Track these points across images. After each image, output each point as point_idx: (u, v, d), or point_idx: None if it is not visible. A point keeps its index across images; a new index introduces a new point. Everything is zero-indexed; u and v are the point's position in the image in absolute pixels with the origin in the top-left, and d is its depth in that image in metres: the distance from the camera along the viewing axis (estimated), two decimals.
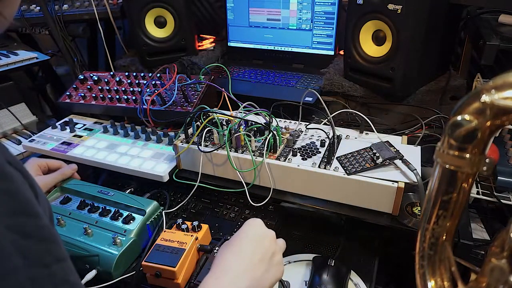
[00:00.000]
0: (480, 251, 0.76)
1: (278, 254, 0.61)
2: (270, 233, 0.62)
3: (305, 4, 1.26)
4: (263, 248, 0.59)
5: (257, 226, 0.62)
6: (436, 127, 1.01)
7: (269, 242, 0.60)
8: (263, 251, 0.59)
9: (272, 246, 0.61)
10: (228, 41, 1.44)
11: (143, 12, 1.25)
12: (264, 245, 0.60)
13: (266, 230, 0.62)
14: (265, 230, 0.62)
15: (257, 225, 0.62)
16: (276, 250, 0.61)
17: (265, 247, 0.59)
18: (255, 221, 0.63)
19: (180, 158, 0.93)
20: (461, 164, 0.39)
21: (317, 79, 1.23)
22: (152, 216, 0.84)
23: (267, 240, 0.61)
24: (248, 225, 0.63)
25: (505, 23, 0.98)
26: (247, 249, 0.59)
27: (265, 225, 0.64)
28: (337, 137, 0.88)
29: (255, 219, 0.64)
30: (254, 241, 0.60)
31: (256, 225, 0.62)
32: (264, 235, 0.61)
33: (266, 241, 0.60)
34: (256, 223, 0.63)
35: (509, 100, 0.35)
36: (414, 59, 1.00)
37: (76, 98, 1.18)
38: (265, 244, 0.60)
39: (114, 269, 0.75)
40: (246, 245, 0.59)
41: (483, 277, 0.40)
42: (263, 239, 0.60)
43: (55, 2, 1.34)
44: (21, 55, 1.31)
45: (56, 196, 0.93)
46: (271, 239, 0.61)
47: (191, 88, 1.10)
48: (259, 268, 0.57)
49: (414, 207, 0.80)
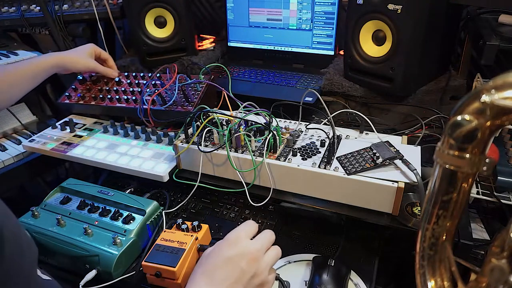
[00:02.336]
0: (480, 251, 0.76)
1: (259, 275, 0.56)
2: (251, 251, 0.56)
3: (305, 4, 1.26)
4: (238, 271, 0.54)
5: (238, 244, 0.56)
6: (436, 127, 1.01)
7: (247, 263, 0.55)
8: (238, 275, 0.54)
9: (252, 268, 0.55)
10: (228, 41, 1.44)
11: (143, 12, 1.25)
12: (241, 267, 0.54)
13: (246, 249, 0.56)
14: (244, 249, 0.56)
15: (238, 242, 0.56)
16: (257, 271, 0.55)
17: (242, 270, 0.54)
18: (237, 237, 0.57)
19: (180, 158, 0.93)
20: (461, 164, 0.39)
21: (317, 79, 1.23)
22: (152, 216, 0.85)
23: (245, 261, 0.55)
24: (227, 242, 0.57)
25: (505, 23, 0.98)
26: (219, 272, 0.54)
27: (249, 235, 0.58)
28: (337, 137, 0.88)
29: (238, 233, 0.58)
30: (229, 263, 0.55)
31: (237, 242, 0.56)
32: (241, 255, 0.55)
33: (243, 263, 0.54)
34: (237, 240, 0.57)
35: (509, 100, 0.35)
36: (414, 59, 1.00)
37: (75, 98, 1.18)
38: (241, 266, 0.54)
39: (114, 269, 0.75)
40: (219, 267, 0.55)
41: (483, 277, 0.40)
42: (240, 260, 0.55)
43: (55, 2, 1.34)
44: (21, 55, 1.31)
45: (56, 196, 0.93)
46: (251, 260, 0.55)
47: (191, 88, 1.10)
48: None
49: (414, 207, 0.80)
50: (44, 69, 1.05)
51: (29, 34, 1.48)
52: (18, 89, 1.02)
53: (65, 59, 1.08)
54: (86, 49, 1.14)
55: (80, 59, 1.11)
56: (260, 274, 0.56)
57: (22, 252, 0.47)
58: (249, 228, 0.60)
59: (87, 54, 1.13)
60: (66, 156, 1.03)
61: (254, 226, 0.62)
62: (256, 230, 0.62)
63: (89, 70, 1.15)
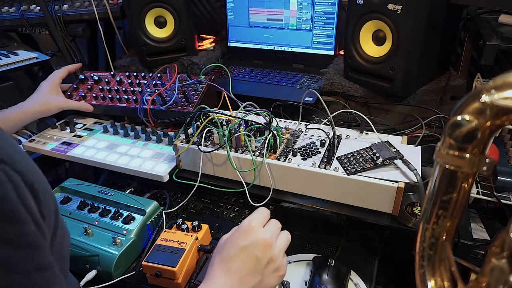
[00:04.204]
0: (480, 251, 0.76)
1: (275, 261, 0.57)
2: (264, 238, 0.57)
3: (305, 4, 1.26)
4: (253, 259, 0.56)
5: (251, 233, 0.57)
6: (436, 127, 1.01)
7: (261, 251, 0.56)
8: (253, 263, 0.55)
9: (266, 255, 0.56)
10: (228, 41, 1.44)
11: (143, 12, 1.25)
12: (256, 255, 0.56)
13: (259, 237, 0.57)
14: (258, 238, 0.57)
15: (250, 232, 0.57)
16: (272, 257, 0.57)
17: (257, 258, 0.56)
18: (249, 227, 0.58)
19: (180, 158, 0.93)
20: (461, 164, 0.39)
21: (317, 79, 1.23)
22: (152, 216, 0.85)
23: (259, 249, 0.56)
24: (240, 231, 0.58)
25: (505, 23, 0.98)
26: (235, 262, 0.55)
27: (262, 223, 0.59)
28: (337, 137, 0.88)
29: (250, 222, 0.59)
30: (244, 252, 0.56)
31: (249, 231, 0.57)
32: (255, 243, 0.56)
33: (257, 251, 0.56)
34: (250, 229, 0.58)
35: (509, 100, 0.35)
36: (414, 59, 1.00)
37: (76, 98, 1.18)
38: (256, 254, 0.56)
39: (114, 269, 0.75)
40: (235, 257, 0.56)
41: (483, 277, 0.40)
42: (254, 248, 0.56)
43: (55, 2, 1.34)
44: (21, 55, 1.31)
45: (56, 196, 0.93)
46: (265, 247, 0.57)
47: (191, 88, 1.10)
48: (250, 281, 0.55)
49: (414, 207, 0.80)
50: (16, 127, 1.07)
51: (29, 34, 1.48)
52: None
53: (36, 113, 1.08)
54: (46, 89, 1.11)
55: (48, 106, 1.09)
56: (275, 259, 0.57)
57: (63, 234, 0.50)
58: (261, 216, 0.61)
59: (54, 93, 1.12)
60: (66, 156, 1.03)
61: (266, 213, 0.62)
62: (268, 216, 0.63)
63: (62, 109, 1.13)
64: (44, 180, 0.45)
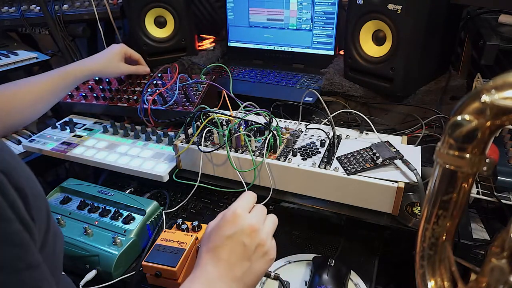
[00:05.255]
0: (480, 251, 0.76)
1: (263, 245, 0.56)
2: (250, 224, 0.56)
3: (305, 4, 1.26)
4: (241, 247, 0.55)
5: (236, 221, 0.56)
6: (436, 127, 1.01)
7: (248, 237, 0.55)
8: (241, 250, 0.55)
9: (254, 241, 0.56)
10: (228, 41, 1.44)
11: (143, 12, 1.25)
12: (243, 242, 0.55)
13: (245, 224, 0.56)
14: (243, 225, 0.56)
15: (236, 220, 0.56)
16: (260, 241, 0.56)
17: (244, 244, 0.55)
18: (234, 214, 0.57)
19: (180, 158, 0.93)
20: (461, 164, 0.39)
21: (317, 79, 1.23)
22: (152, 216, 0.85)
23: (246, 236, 0.55)
24: (225, 220, 0.57)
25: (505, 23, 0.98)
26: (223, 251, 0.55)
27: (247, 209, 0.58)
28: (337, 137, 0.88)
29: (235, 209, 0.57)
30: (230, 241, 0.55)
31: (235, 219, 0.56)
32: (241, 231, 0.55)
33: (244, 238, 0.55)
34: (235, 217, 0.56)
35: (509, 100, 0.35)
36: (414, 59, 1.00)
37: (77, 97, 1.18)
38: (243, 241, 0.55)
39: (114, 269, 0.75)
40: (222, 246, 0.55)
41: (483, 277, 0.40)
42: (241, 235, 0.55)
43: (55, 2, 1.34)
44: (21, 55, 1.31)
45: (56, 196, 0.93)
46: (251, 233, 0.56)
47: (192, 88, 1.10)
48: (239, 268, 0.54)
49: (414, 207, 0.80)
50: (73, 82, 1.02)
51: (29, 34, 1.48)
52: (42, 105, 0.98)
53: (95, 70, 1.05)
54: (115, 53, 1.10)
55: (110, 68, 1.08)
56: (263, 243, 0.57)
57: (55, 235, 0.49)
58: (246, 201, 0.59)
59: (118, 59, 1.10)
60: (66, 156, 1.03)
61: (251, 198, 0.61)
62: (254, 200, 0.62)
63: (121, 75, 1.15)
64: (35, 186, 0.45)
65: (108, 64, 1.08)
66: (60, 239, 0.53)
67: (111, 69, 1.08)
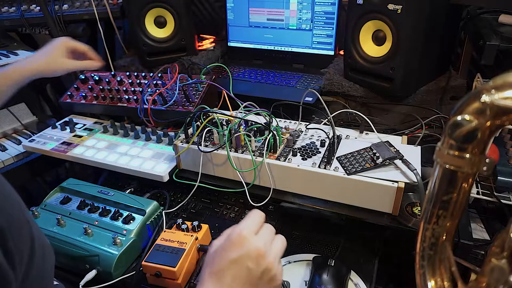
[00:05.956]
0: (480, 251, 0.76)
1: (270, 269, 0.53)
2: (257, 248, 0.52)
3: (305, 4, 1.26)
4: (245, 272, 0.52)
5: (242, 244, 0.53)
6: (436, 127, 1.01)
7: (254, 262, 0.52)
8: (246, 275, 0.52)
9: (260, 266, 0.52)
10: (228, 41, 1.44)
11: (143, 12, 1.25)
12: (248, 267, 0.52)
13: (251, 247, 0.52)
14: (250, 248, 0.52)
15: (242, 242, 0.53)
16: (267, 266, 0.53)
17: (249, 269, 0.52)
18: (240, 236, 0.53)
19: (180, 158, 0.93)
20: (461, 164, 0.39)
21: (317, 79, 1.23)
22: (152, 216, 0.85)
23: (251, 260, 0.52)
24: (231, 242, 0.53)
25: (505, 23, 0.98)
26: (226, 276, 0.52)
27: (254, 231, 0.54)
28: (337, 137, 0.88)
29: (241, 230, 0.54)
30: (235, 265, 0.52)
31: (240, 242, 0.53)
32: (247, 255, 0.52)
33: (249, 263, 0.52)
34: (241, 239, 0.53)
35: (509, 100, 0.35)
36: (414, 59, 1.00)
37: (77, 98, 1.18)
38: (248, 266, 0.52)
39: (114, 269, 0.75)
40: (225, 270, 0.52)
41: (483, 277, 0.40)
42: (247, 260, 0.52)
43: (55, 2, 1.34)
44: (21, 55, 1.31)
45: (56, 196, 0.93)
46: (257, 257, 0.52)
47: (192, 88, 1.10)
48: None
49: (414, 207, 0.80)
50: (14, 86, 0.94)
51: (29, 34, 1.48)
52: None
53: (35, 71, 0.97)
54: (57, 48, 1.01)
55: (53, 65, 0.99)
56: (270, 268, 0.53)
57: (44, 254, 0.47)
58: (253, 222, 0.56)
59: (60, 55, 1.01)
60: (66, 156, 1.03)
61: (259, 218, 0.57)
62: (262, 220, 0.58)
63: (67, 71, 1.03)
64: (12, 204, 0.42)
65: (50, 61, 0.99)
66: (50, 252, 0.50)
67: (54, 66, 0.99)
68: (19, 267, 0.42)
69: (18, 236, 0.42)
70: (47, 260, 0.49)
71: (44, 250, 0.48)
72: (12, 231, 0.40)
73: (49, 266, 0.50)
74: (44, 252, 0.48)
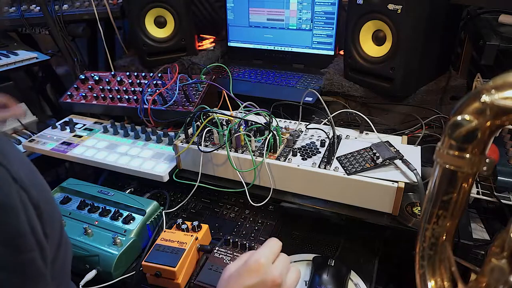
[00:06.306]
0: (480, 251, 0.76)
1: None
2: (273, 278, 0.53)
3: (305, 4, 1.26)
4: None
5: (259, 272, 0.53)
6: (436, 127, 1.01)
7: None
8: None
9: None
10: (228, 41, 1.44)
11: (143, 12, 1.25)
12: None
13: (268, 276, 0.53)
14: (266, 277, 0.53)
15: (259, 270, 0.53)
16: None
17: None
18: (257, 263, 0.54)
19: (180, 158, 0.93)
20: (461, 164, 0.39)
21: (317, 79, 1.23)
22: (152, 216, 0.85)
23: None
24: (247, 268, 0.54)
25: (505, 23, 0.98)
26: None
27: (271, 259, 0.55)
28: (337, 137, 0.88)
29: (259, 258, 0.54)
30: None
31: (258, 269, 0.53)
32: (263, 283, 0.53)
33: None
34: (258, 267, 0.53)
35: (509, 100, 0.35)
36: (414, 59, 1.00)
37: (77, 98, 1.18)
38: None
39: (114, 269, 0.75)
40: None
41: (483, 277, 0.40)
42: None
43: (55, 2, 1.34)
44: (21, 55, 1.31)
45: (56, 196, 0.93)
46: (273, 286, 0.53)
47: (192, 88, 1.10)
48: None
49: (414, 207, 0.80)
50: None
51: (29, 34, 1.48)
52: None
53: None
54: None
55: None
56: None
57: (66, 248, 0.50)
58: (270, 251, 0.56)
59: None
60: (66, 156, 1.03)
61: (277, 247, 0.58)
62: (279, 249, 0.58)
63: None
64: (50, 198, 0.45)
65: None
66: (69, 248, 0.53)
67: None
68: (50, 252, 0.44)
69: (52, 221, 0.44)
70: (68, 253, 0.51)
71: (67, 244, 0.50)
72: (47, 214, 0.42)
73: (69, 260, 0.52)
74: (67, 245, 0.50)
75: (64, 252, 0.48)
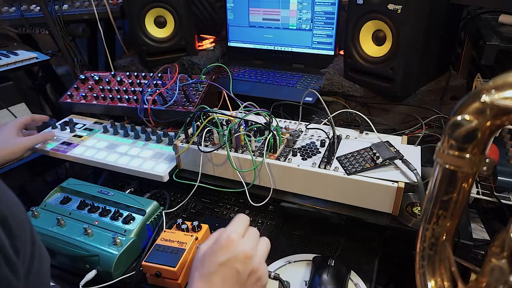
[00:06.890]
0: (480, 251, 0.76)
1: (256, 271, 0.56)
2: (244, 251, 0.55)
3: (305, 4, 1.26)
4: (234, 274, 0.54)
5: (230, 247, 0.55)
6: (436, 127, 1.01)
7: (242, 264, 0.55)
8: (235, 277, 0.54)
9: (247, 267, 0.55)
10: (228, 41, 1.44)
11: (143, 12, 1.25)
12: (236, 269, 0.54)
13: (239, 250, 0.55)
14: (237, 251, 0.55)
15: (229, 245, 0.55)
16: (253, 268, 0.56)
17: (238, 271, 0.54)
18: (228, 239, 0.56)
19: (180, 158, 0.93)
20: (461, 164, 0.39)
21: (317, 79, 1.23)
22: (152, 216, 0.85)
23: (239, 263, 0.55)
24: (219, 245, 0.56)
25: (505, 23, 0.98)
26: (216, 278, 0.54)
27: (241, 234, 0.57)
28: (337, 137, 0.88)
29: (229, 234, 0.56)
30: (224, 268, 0.54)
31: (228, 245, 0.55)
32: (235, 258, 0.55)
33: (238, 265, 0.54)
34: (229, 242, 0.56)
35: (509, 100, 0.35)
36: (414, 59, 1.00)
37: (77, 98, 1.18)
38: (237, 268, 0.54)
39: (114, 269, 0.75)
40: (215, 273, 0.54)
41: (483, 277, 0.40)
42: (235, 262, 0.54)
43: (55, 2, 1.34)
44: (21, 55, 1.31)
45: (56, 196, 0.93)
46: (245, 259, 0.55)
47: (192, 88, 1.10)
48: None
49: (414, 207, 0.80)
50: None
51: (29, 34, 1.48)
52: None
53: None
54: (9, 132, 0.99)
55: (9, 149, 0.96)
56: (256, 270, 0.56)
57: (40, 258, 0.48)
58: (240, 226, 0.59)
59: (13, 135, 0.99)
60: (66, 156, 1.03)
61: (245, 222, 0.60)
62: (248, 224, 0.61)
63: (25, 150, 1.00)
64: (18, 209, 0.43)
65: (7, 147, 0.96)
66: (46, 260, 0.51)
67: (10, 149, 0.97)
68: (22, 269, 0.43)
69: (21, 234, 0.42)
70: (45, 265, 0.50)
71: (42, 256, 0.49)
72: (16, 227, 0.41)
73: (46, 268, 0.51)
74: (42, 258, 0.49)
75: (39, 264, 0.47)
